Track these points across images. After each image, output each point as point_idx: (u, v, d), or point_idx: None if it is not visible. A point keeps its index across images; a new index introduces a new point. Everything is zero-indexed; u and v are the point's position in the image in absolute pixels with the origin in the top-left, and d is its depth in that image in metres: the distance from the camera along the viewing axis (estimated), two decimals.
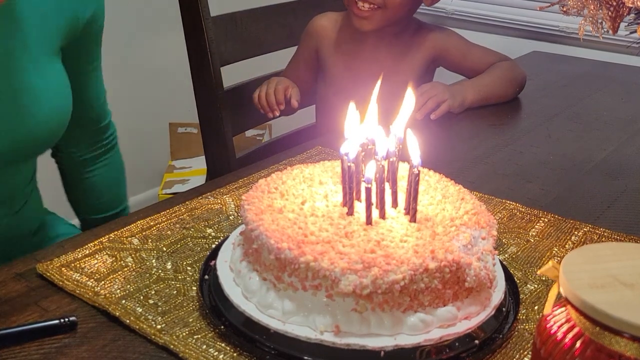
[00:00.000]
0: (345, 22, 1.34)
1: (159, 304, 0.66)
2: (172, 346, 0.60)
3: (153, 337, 0.61)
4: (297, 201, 0.66)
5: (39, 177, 1.01)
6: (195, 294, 0.67)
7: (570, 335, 0.45)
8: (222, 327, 0.61)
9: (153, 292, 0.68)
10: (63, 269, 0.70)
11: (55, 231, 1.06)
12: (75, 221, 1.16)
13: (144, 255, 0.74)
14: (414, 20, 1.34)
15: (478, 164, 1.06)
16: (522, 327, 0.64)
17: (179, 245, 0.76)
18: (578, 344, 0.45)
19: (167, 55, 2.11)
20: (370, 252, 0.57)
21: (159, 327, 0.62)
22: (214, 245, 0.74)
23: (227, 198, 0.88)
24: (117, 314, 0.63)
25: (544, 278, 0.72)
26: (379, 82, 0.74)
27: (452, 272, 0.58)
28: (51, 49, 0.89)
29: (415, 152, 0.66)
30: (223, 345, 0.60)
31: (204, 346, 0.60)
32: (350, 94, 1.36)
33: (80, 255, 0.73)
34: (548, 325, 0.47)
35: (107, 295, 0.66)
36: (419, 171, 0.65)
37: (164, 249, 0.75)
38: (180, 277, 0.70)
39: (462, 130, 1.21)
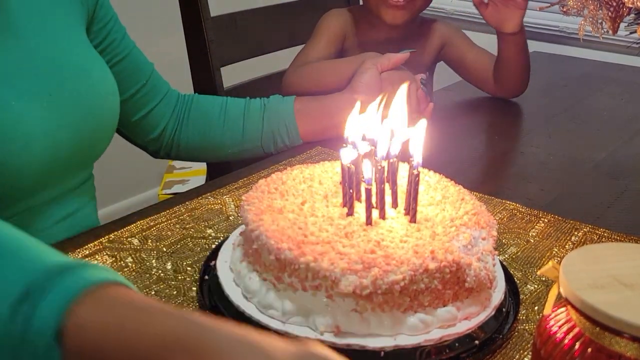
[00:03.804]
0: (357, 19, 1.33)
1: None
2: None
3: None
4: (297, 201, 0.66)
5: None
6: (195, 294, 0.67)
7: (570, 335, 0.45)
8: None
9: (153, 292, 0.68)
10: None
11: None
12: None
13: (144, 256, 0.74)
14: (417, 15, 1.34)
15: (478, 164, 1.06)
16: (522, 327, 0.64)
17: (179, 246, 0.76)
18: (578, 345, 0.45)
19: (167, 55, 2.12)
20: (370, 253, 0.57)
21: None
22: (214, 246, 0.74)
23: (227, 198, 0.88)
24: None
25: (544, 278, 0.72)
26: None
27: (452, 272, 0.58)
28: (83, 28, 0.91)
29: (418, 151, 0.66)
30: None
31: None
32: None
33: (80, 256, 0.73)
34: (548, 326, 0.47)
35: None
36: (418, 172, 0.65)
37: (164, 249, 0.75)
38: (180, 277, 0.70)
39: (462, 130, 1.21)
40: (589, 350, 0.44)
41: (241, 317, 0.61)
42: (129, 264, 0.72)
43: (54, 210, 0.85)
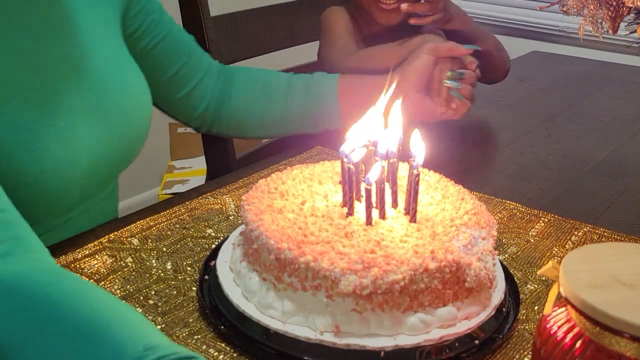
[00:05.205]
0: (354, 16, 1.32)
1: (159, 304, 0.66)
2: None
3: None
4: (297, 201, 0.66)
5: None
6: (195, 294, 0.67)
7: (570, 335, 0.45)
8: (222, 327, 0.61)
9: (153, 292, 0.68)
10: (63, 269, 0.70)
11: None
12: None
13: (144, 256, 0.74)
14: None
15: (478, 164, 1.06)
16: (522, 327, 0.64)
17: (178, 246, 0.76)
18: (578, 344, 0.45)
19: None
20: (370, 253, 0.57)
21: (159, 327, 0.62)
22: (214, 246, 0.74)
23: (227, 198, 0.88)
24: None
25: (544, 278, 0.72)
26: (391, 88, 0.73)
27: (452, 272, 0.58)
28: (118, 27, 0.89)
29: (419, 152, 0.66)
30: (223, 345, 0.60)
31: (204, 346, 0.60)
32: None
33: (80, 256, 0.73)
34: (548, 326, 0.47)
35: None
36: (418, 171, 0.65)
37: (164, 249, 0.75)
38: (180, 277, 0.70)
39: (462, 130, 1.21)
40: (589, 350, 0.44)
41: (241, 317, 0.61)
42: (129, 264, 0.72)
43: (84, 222, 0.84)
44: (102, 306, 0.51)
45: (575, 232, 0.82)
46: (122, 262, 0.72)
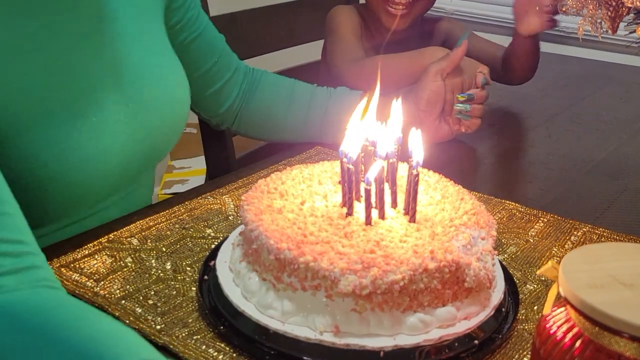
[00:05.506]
0: (362, 16, 1.32)
1: (159, 304, 0.66)
2: (171, 346, 0.59)
3: (152, 337, 0.61)
4: (296, 201, 0.66)
5: None
6: (194, 294, 0.67)
7: (569, 335, 0.45)
8: (222, 327, 0.61)
9: (152, 292, 0.67)
10: (62, 269, 0.70)
11: None
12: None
13: (144, 256, 0.74)
14: (419, 18, 1.34)
15: (478, 163, 1.06)
16: (521, 327, 0.64)
17: (178, 246, 0.76)
18: (577, 344, 0.45)
19: None
20: (369, 253, 0.57)
21: (158, 327, 0.62)
22: (213, 246, 0.74)
23: (226, 198, 0.88)
24: (117, 314, 0.63)
25: (543, 278, 0.72)
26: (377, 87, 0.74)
27: (451, 272, 0.58)
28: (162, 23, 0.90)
29: (418, 151, 0.66)
30: (222, 345, 0.60)
31: (204, 346, 0.60)
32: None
33: (80, 256, 0.73)
34: (547, 326, 0.47)
35: (107, 295, 0.66)
36: (418, 172, 0.65)
37: (164, 249, 0.75)
38: (179, 277, 0.70)
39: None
40: (588, 349, 0.44)
41: (240, 317, 0.61)
42: (129, 264, 0.72)
43: (116, 213, 0.84)
44: (102, 327, 0.52)
45: (575, 232, 0.82)
46: (121, 262, 0.72)
